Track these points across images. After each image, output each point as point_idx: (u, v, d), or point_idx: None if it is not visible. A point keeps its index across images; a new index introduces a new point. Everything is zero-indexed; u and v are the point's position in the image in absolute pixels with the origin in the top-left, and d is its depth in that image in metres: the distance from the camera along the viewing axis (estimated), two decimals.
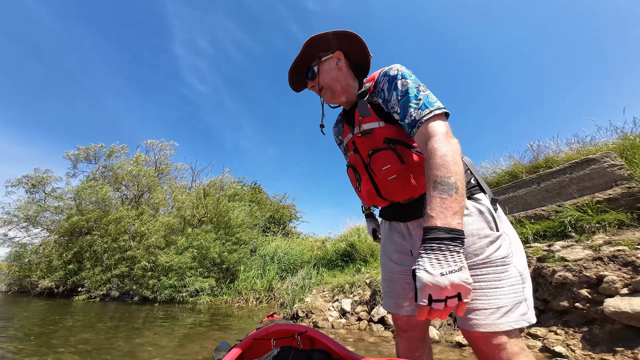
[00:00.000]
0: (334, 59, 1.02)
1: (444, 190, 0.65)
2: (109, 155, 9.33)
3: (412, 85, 0.84)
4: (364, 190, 1.03)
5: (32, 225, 7.70)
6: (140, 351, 2.69)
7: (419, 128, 0.78)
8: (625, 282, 1.79)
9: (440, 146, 0.71)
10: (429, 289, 0.57)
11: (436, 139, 0.72)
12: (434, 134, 0.74)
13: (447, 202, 0.63)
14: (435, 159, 0.69)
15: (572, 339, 1.84)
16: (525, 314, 0.76)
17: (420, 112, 0.79)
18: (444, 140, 0.72)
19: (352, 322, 3.68)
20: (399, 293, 1.01)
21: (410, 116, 0.81)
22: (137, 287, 6.57)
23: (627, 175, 2.80)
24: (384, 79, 0.91)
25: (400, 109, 0.84)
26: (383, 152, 0.91)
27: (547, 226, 3.07)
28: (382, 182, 0.94)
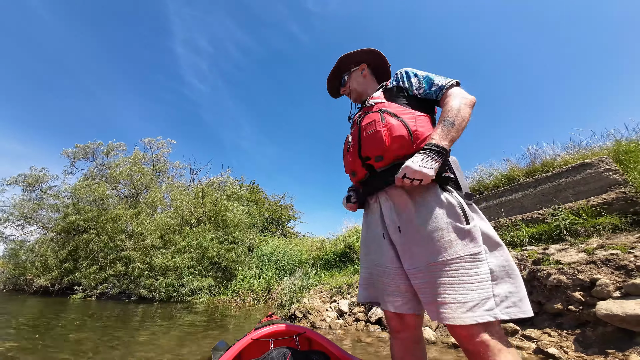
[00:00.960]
0: (360, 69, 1.36)
1: (445, 125, 0.94)
2: (107, 153, 9.29)
3: (423, 73, 1.15)
4: (352, 150, 1.20)
5: (27, 223, 7.65)
6: (137, 350, 2.69)
7: (448, 89, 1.05)
8: (617, 285, 1.82)
9: (459, 98, 0.99)
10: (406, 169, 0.90)
11: (454, 97, 1.00)
12: (454, 93, 1.02)
13: (446, 130, 0.92)
14: (450, 104, 0.98)
15: (565, 341, 1.87)
16: (491, 310, 0.78)
17: (445, 79, 1.07)
18: (459, 97, 1.00)
19: (350, 323, 3.70)
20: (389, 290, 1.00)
21: (436, 84, 1.08)
22: (134, 287, 6.55)
23: (622, 180, 2.84)
24: (401, 73, 1.20)
25: (426, 84, 1.10)
26: (371, 114, 1.14)
27: (543, 229, 3.11)
28: (363, 137, 1.12)
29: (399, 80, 1.18)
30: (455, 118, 0.93)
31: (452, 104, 0.97)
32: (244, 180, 14.26)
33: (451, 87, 1.05)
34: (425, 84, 1.10)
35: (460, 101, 0.97)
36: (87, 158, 9.27)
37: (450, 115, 0.94)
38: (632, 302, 1.65)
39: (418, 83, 1.11)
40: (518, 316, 0.79)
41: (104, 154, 9.26)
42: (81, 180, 8.08)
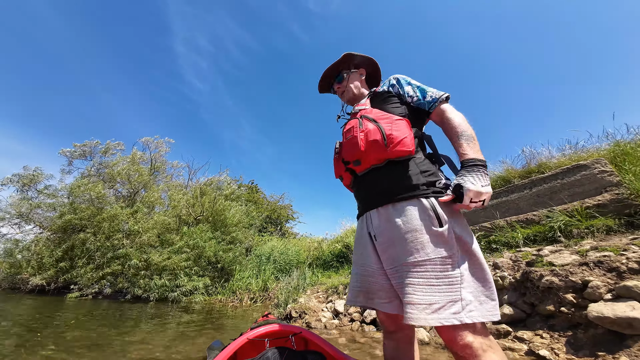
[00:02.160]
0: (359, 73, 1.40)
1: (468, 138, 0.96)
2: (105, 152, 9.27)
3: (418, 82, 1.18)
4: (337, 155, 1.27)
5: (24, 222, 7.63)
6: (130, 350, 2.68)
7: (441, 103, 1.08)
8: (609, 287, 1.82)
9: (458, 114, 1.04)
10: (472, 194, 0.86)
11: (452, 111, 1.05)
12: (450, 108, 1.07)
13: (472, 144, 0.95)
14: (456, 120, 1.01)
15: (556, 343, 1.87)
16: (457, 313, 0.79)
17: (438, 93, 1.10)
18: (456, 112, 1.05)
19: (345, 323, 3.70)
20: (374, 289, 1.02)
21: (430, 95, 1.11)
22: (129, 286, 6.54)
23: (617, 182, 2.84)
24: (393, 80, 1.23)
25: (419, 92, 1.13)
26: (352, 121, 1.19)
27: (538, 231, 3.11)
28: (344, 143, 1.18)
29: (391, 85, 1.20)
30: (471, 132, 0.97)
31: (457, 119, 1.01)
32: (242, 180, 14.27)
33: (445, 101, 1.09)
34: (419, 92, 1.13)
35: (461, 117, 1.02)
36: (85, 157, 9.26)
37: (464, 130, 0.97)
38: (622, 304, 1.65)
39: (412, 91, 1.14)
40: (482, 320, 0.80)
41: (102, 153, 9.24)
42: (78, 179, 8.06)
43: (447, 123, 1.02)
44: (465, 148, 0.94)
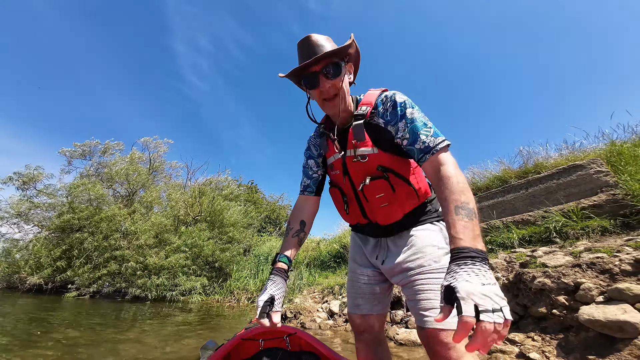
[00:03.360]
0: (348, 70, 1.02)
1: (466, 215, 0.68)
2: (104, 152, 9.29)
3: (419, 115, 0.90)
4: (351, 212, 1.10)
5: (23, 221, 7.66)
6: (123, 349, 2.68)
7: (433, 155, 0.83)
8: (601, 289, 1.80)
9: (457, 173, 0.77)
10: (474, 297, 0.53)
11: (452, 167, 0.79)
12: (448, 161, 0.80)
13: (471, 226, 0.66)
14: (453, 185, 0.74)
15: (548, 346, 1.84)
16: None
17: (434, 139, 0.84)
18: (458, 169, 0.79)
19: (340, 324, 3.68)
20: (356, 293, 1.11)
21: (422, 142, 0.85)
22: (127, 285, 6.55)
23: (613, 182, 2.81)
24: (388, 102, 0.95)
25: (410, 135, 0.88)
26: (378, 181, 0.96)
27: (533, 231, 3.08)
28: (372, 207, 1.01)
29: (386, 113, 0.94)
30: (473, 205, 0.70)
31: (455, 183, 0.74)
32: (242, 180, 14.27)
33: (442, 150, 0.82)
34: (409, 134, 0.88)
35: (463, 179, 0.76)
36: (84, 157, 9.28)
37: (465, 201, 0.70)
38: (614, 307, 1.63)
39: (404, 129, 0.89)
40: None
41: (101, 152, 9.27)
42: (77, 179, 8.08)
43: (442, 184, 0.76)
44: (460, 229, 0.66)
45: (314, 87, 0.95)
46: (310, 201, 1.17)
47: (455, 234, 0.66)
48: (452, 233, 0.67)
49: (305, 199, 1.18)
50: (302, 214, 1.14)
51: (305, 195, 1.18)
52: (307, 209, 1.15)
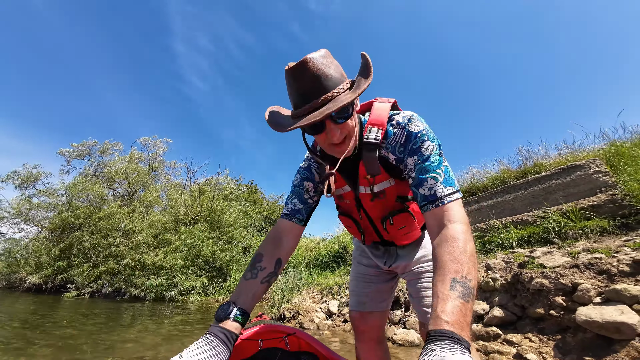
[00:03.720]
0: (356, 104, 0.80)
1: (462, 295, 0.53)
2: (103, 152, 9.30)
3: (435, 152, 0.74)
4: (368, 239, 1.05)
5: (23, 221, 7.68)
6: (120, 348, 2.68)
7: (439, 207, 0.68)
8: (599, 290, 1.79)
9: (465, 239, 0.62)
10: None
11: (460, 228, 0.64)
12: (458, 220, 0.65)
13: (463, 310, 0.51)
14: (456, 252, 0.60)
15: (545, 347, 1.84)
16: None
17: (444, 188, 0.69)
18: (468, 234, 0.63)
19: (338, 324, 3.68)
20: (361, 290, 1.11)
21: (429, 188, 0.70)
22: (126, 285, 6.55)
23: (612, 183, 2.80)
24: (401, 132, 0.78)
25: (416, 174, 0.73)
26: (400, 215, 0.89)
27: (532, 232, 3.07)
28: (393, 235, 0.96)
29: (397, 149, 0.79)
30: (474, 282, 0.57)
31: (464, 252, 0.59)
32: (242, 180, 14.27)
33: (452, 204, 0.68)
34: (416, 174, 0.74)
35: (472, 246, 0.62)
36: (83, 157, 9.30)
37: (467, 276, 0.56)
38: (611, 308, 1.62)
39: (412, 167, 0.75)
40: None
41: (100, 152, 9.28)
42: (76, 178, 8.09)
43: (444, 247, 0.62)
44: (449, 309, 0.51)
45: (319, 133, 0.74)
46: (294, 232, 0.91)
47: (441, 313, 0.50)
48: (436, 310, 0.51)
49: (289, 228, 0.90)
50: (281, 248, 0.86)
51: (292, 222, 0.90)
52: (288, 242, 0.89)
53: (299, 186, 0.95)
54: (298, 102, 0.70)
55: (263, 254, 0.84)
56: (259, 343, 1.21)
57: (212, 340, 0.65)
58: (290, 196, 0.95)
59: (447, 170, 0.72)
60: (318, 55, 0.69)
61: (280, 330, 1.26)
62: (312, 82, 0.67)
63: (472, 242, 0.63)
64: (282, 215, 0.93)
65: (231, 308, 0.71)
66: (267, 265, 0.82)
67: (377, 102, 0.87)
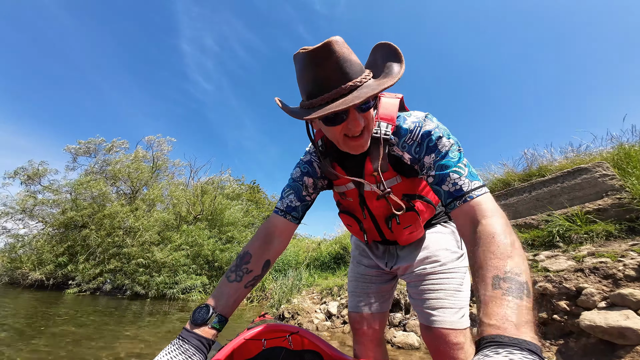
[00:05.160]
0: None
1: (510, 291, 0.44)
2: (109, 150, 9.40)
3: (454, 147, 0.70)
4: (369, 238, 1.04)
5: (28, 217, 7.77)
6: (118, 345, 2.68)
7: (468, 202, 0.63)
8: (604, 295, 1.74)
9: (505, 232, 0.55)
10: None
11: (498, 222, 0.57)
12: (494, 214, 0.59)
13: (514, 307, 0.43)
14: (497, 246, 0.52)
15: (548, 352, 1.79)
16: (466, 317, 0.89)
17: (470, 182, 0.65)
18: (508, 227, 0.57)
19: (337, 325, 3.65)
20: (361, 291, 1.09)
21: (453, 184, 0.66)
22: (129, 282, 6.59)
23: (618, 186, 2.74)
24: (417, 130, 0.73)
25: (437, 172, 0.69)
26: (406, 214, 0.85)
27: (536, 235, 3.02)
28: (396, 234, 0.94)
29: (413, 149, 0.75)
30: (527, 277, 0.48)
31: (504, 245, 0.52)
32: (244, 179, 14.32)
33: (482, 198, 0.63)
34: (436, 171, 0.69)
35: (513, 238, 0.54)
36: (89, 154, 9.40)
37: (513, 270, 0.48)
38: (616, 313, 1.57)
39: (430, 165, 0.71)
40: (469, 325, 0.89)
41: (106, 150, 9.38)
42: (81, 176, 8.19)
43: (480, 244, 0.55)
44: (494, 310, 0.43)
45: (339, 123, 0.67)
46: (288, 231, 0.86)
47: (484, 317, 0.43)
48: (480, 316, 0.44)
49: (283, 227, 0.84)
50: (271, 249, 0.81)
51: (287, 220, 0.85)
52: (279, 242, 0.84)
53: (298, 181, 0.89)
54: (315, 90, 0.64)
55: (251, 255, 0.77)
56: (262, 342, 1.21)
57: (188, 348, 0.62)
58: (286, 190, 0.89)
59: (469, 166, 0.69)
60: (341, 39, 0.62)
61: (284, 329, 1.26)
62: (339, 67, 0.61)
63: (514, 235, 0.56)
64: (276, 210, 0.86)
65: (211, 314, 0.67)
66: (255, 268, 0.76)
67: (384, 96, 0.83)
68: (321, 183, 0.92)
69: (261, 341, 1.21)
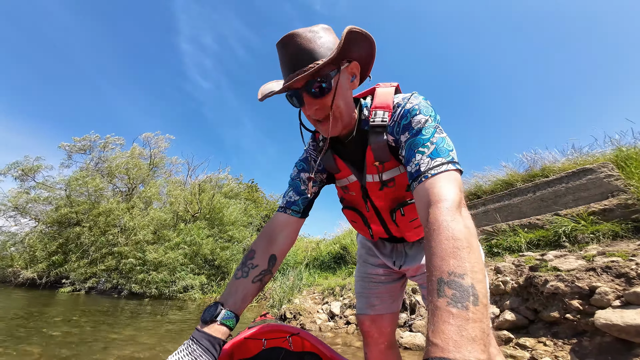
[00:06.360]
0: (349, 73, 0.73)
1: (457, 300, 0.39)
2: (104, 147, 9.22)
3: (429, 124, 0.64)
4: (375, 234, 0.99)
5: (20, 214, 7.56)
6: (115, 347, 2.59)
7: (422, 182, 0.56)
8: (617, 293, 1.74)
9: (448, 220, 0.47)
10: None
11: (442, 208, 0.49)
12: (441, 198, 0.51)
13: (458, 321, 0.37)
14: (439, 242, 0.45)
15: (560, 351, 1.78)
16: None
17: (431, 160, 0.58)
18: (454, 212, 0.48)
19: (340, 326, 3.61)
20: (370, 292, 1.05)
21: (414, 164, 0.60)
22: (124, 281, 6.45)
23: (623, 187, 2.77)
24: (399, 111, 0.71)
25: (406, 152, 0.65)
26: (411, 206, 0.81)
27: (541, 235, 3.03)
28: (403, 229, 0.89)
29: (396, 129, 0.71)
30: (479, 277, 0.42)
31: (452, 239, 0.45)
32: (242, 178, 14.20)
33: (439, 177, 0.55)
34: (406, 150, 0.66)
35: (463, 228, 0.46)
36: (84, 151, 9.20)
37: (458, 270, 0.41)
38: (632, 311, 1.57)
39: (403, 143, 0.68)
40: None
41: (101, 147, 9.19)
42: (76, 172, 8.00)
43: (427, 235, 0.49)
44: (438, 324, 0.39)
45: (300, 106, 0.74)
46: (291, 226, 0.84)
47: (431, 334, 0.38)
48: (427, 331, 0.39)
49: (285, 221, 0.84)
50: (275, 244, 0.80)
51: (287, 214, 0.85)
52: (284, 237, 0.82)
53: (296, 178, 0.91)
54: (284, 74, 0.72)
55: (255, 250, 0.78)
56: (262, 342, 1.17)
57: (195, 349, 0.59)
58: (287, 189, 0.92)
59: (442, 141, 0.61)
60: (307, 29, 0.68)
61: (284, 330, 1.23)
62: (295, 53, 0.66)
63: (464, 220, 0.48)
64: (278, 209, 0.89)
65: (219, 310, 0.65)
66: (260, 263, 0.76)
67: (380, 87, 0.83)
68: (319, 177, 0.91)
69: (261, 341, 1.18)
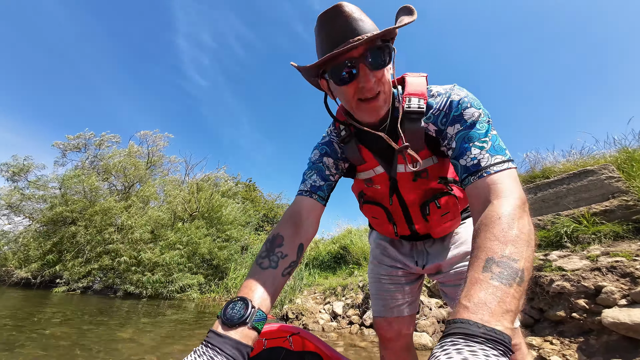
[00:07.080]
0: None
1: (500, 276, 0.39)
2: (99, 145, 9.08)
3: (482, 119, 0.63)
4: (400, 231, 0.94)
5: (14, 213, 7.39)
6: (115, 349, 2.54)
7: (483, 178, 0.56)
8: (623, 293, 1.77)
9: (513, 215, 0.48)
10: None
11: (510, 203, 0.50)
12: (509, 193, 0.52)
13: (499, 293, 0.38)
14: (500, 229, 0.46)
15: (567, 349, 1.81)
16: None
17: (491, 157, 0.58)
18: (521, 209, 0.50)
19: (344, 326, 3.60)
20: (387, 294, 1.02)
21: (472, 158, 0.59)
22: (120, 282, 6.35)
23: (624, 188, 2.81)
24: (444, 101, 0.69)
25: (457, 144, 0.63)
26: (442, 199, 0.80)
27: (543, 236, 3.07)
28: (431, 225, 0.86)
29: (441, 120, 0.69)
30: (525, 265, 0.42)
31: (508, 229, 0.46)
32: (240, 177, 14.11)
33: (500, 175, 0.56)
34: (457, 143, 0.64)
35: (523, 225, 0.47)
36: (79, 149, 9.05)
37: (510, 256, 0.42)
38: (639, 310, 1.60)
39: (453, 135, 0.66)
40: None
41: (96, 145, 9.05)
42: (71, 170, 7.85)
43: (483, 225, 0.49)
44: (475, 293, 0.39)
45: (349, 82, 0.64)
46: (316, 212, 0.77)
47: (464, 298, 0.39)
48: (460, 296, 0.40)
49: (311, 207, 0.76)
50: (302, 232, 0.71)
51: (314, 200, 0.77)
52: (310, 224, 0.74)
53: (318, 162, 0.82)
54: (326, 48, 0.64)
55: (283, 237, 0.67)
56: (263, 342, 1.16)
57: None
58: (308, 172, 0.82)
59: (497, 138, 0.61)
60: (350, 4, 0.63)
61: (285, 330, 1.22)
62: (348, 23, 0.61)
63: (524, 219, 0.48)
64: (300, 192, 0.78)
65: (250, 310, 0.51)
66: (289, 252, 0.65)
67: (409, 76, 0.80)
68: (342, 165, 0.85)
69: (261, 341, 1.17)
